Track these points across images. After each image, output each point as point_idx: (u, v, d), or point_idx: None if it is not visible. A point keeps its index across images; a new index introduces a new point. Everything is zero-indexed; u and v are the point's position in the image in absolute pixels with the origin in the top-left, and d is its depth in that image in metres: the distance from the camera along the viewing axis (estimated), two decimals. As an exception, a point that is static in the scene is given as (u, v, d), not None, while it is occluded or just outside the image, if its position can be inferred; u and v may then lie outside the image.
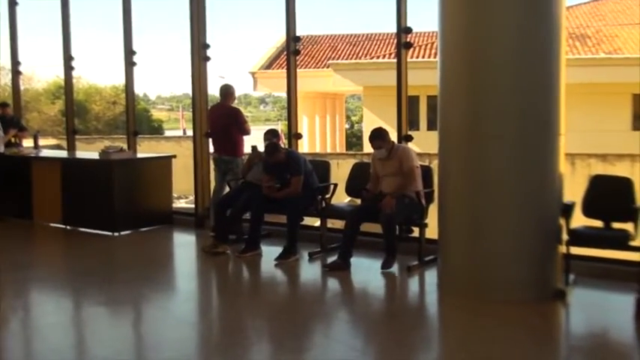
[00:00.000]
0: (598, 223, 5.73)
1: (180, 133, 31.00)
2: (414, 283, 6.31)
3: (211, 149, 8.38)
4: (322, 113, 25.83)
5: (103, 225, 8.54)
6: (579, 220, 5.72)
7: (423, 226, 6.48)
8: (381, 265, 6.31)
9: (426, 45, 20.12)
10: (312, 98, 24.00)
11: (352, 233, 6.51)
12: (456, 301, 5.53)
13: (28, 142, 10.98)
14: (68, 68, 10.51)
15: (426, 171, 6.71)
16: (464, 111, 5.53)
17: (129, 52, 9.49)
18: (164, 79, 69.68)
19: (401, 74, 7.16)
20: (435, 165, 6.44)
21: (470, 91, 5.49)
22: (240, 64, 62.53)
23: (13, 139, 10.15)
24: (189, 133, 10.67)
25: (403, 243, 6.77)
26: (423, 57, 19.68)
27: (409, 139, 7.16)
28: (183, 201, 15.43)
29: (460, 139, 5.56)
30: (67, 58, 10.43)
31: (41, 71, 31.92)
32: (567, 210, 5.53)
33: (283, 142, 8.13)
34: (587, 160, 13.59)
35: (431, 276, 6.16)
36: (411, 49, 7.36)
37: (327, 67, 22.00)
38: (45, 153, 10.24)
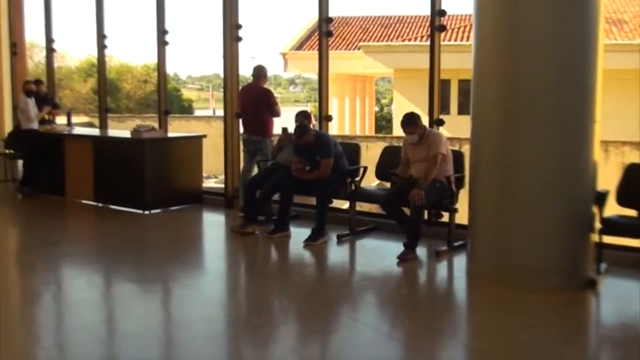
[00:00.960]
0: (632, 213, 5.65)
1: (209, 112, 31.15)
2: (442, 268, 6.28)
3: (241, 129, 8.40)
4: (352, 95, 25.75)
5: (133, 203, 8.62)
6: (613, 208, 5.63)
7: (452, 211, 6.44)
8: (399, 256, 6.20)
9: (458, 28, 19.91)
10: (342, 80, 23.92)
11: (397, 220, 6.48)
12: (484, 287, 5.50)
13: (61, 120, 11.11)
14: (101, 47, 10.57)
15: (457, 156, 6.65)
16: (498, 96, 5.45)
17: (161, 32, 9.51)
18: (194, 58, 69.92)
19: (434, 57, 7.08)
20: (465, 150, 6.38)
21: (504, 76, 5.41)
22: (271, 45, 62.49)
23: (46, 116, 10.26)
24: (219, 113, 10.70)
25: (433, 228, 6.75)
26: (455, 40, 19.50)
27: (441, 123, 7.10)
28: (213, 181, 15.53)
29: (493, 125, 5.50)
30: (100, 37, 10.49)
31: (74, 49, 32.27)
32: (601, 198, 5.44)
33: (313, 124, 8.11)
34: (622, 147, 13.38)
35: (460, 261, 6.13)
36: (444, 32, 7.28)
37: (358, 49, 21.88)
38: (78, 130, 10.34)
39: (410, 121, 6.42)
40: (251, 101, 7.95)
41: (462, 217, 6.23)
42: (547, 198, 5.32)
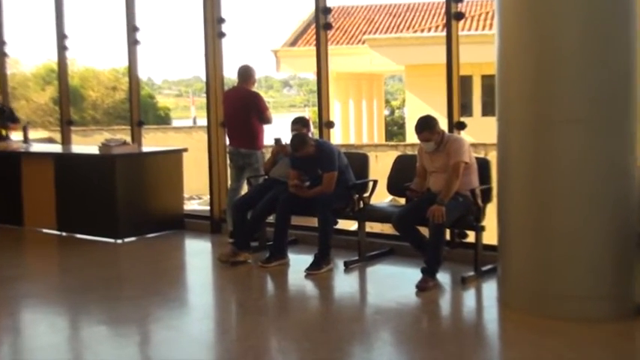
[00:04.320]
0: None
1: (190, 122, 31.29)
2: (469, 297, 6.29)
3: (227, 141, 8.42)
4: (357, 97, 25.86)
5: (103, 231, 8.64)
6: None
7: (479, 230, 6.44)
8: (417, 284, 6.21)
9: (479, 15, 20.03)
10: (345, 80, 24.03)
11: (412, 243, 6.54)
12: (519, 318, 5.50)
13: (16, 135, 11.13)
14: (61, 48, 10.62)
15: (483, 164, 6.66)
16: (528, 93, 5.47)
17: (132, 29, 9.56)
18: (171, 60, 70.24)
19: (451, 50, 7.11)
20: (492, 157, 6.39)
21: (535, 70, 5.43)
22: (260, 41, 62.89)
23: (3, 132, 10.25)
24: (200, 122, 10.75)
25: (456, 250, 6.75)
26: (476, 30, 19.60)
27: (462, 126, 7.12)
28: (196, 202, 15.57)
29: (523, 127, 5.51)
30: (61, 37, 10.55)
31: (29, 53, 32.49)
32: (653, 211, 5.45)
33: (312, 132, 8.15)
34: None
35: (489, 289, 6.13)
36: (462, 21, 7.32)
37: (363, 43, 22.00)
38: (36, 147, 10.37)
39: (425, 125, 6.44)
40: (237, 108, 7.97)
41: (490, 236, 6.24)
42: (589, 211, 5.33)
